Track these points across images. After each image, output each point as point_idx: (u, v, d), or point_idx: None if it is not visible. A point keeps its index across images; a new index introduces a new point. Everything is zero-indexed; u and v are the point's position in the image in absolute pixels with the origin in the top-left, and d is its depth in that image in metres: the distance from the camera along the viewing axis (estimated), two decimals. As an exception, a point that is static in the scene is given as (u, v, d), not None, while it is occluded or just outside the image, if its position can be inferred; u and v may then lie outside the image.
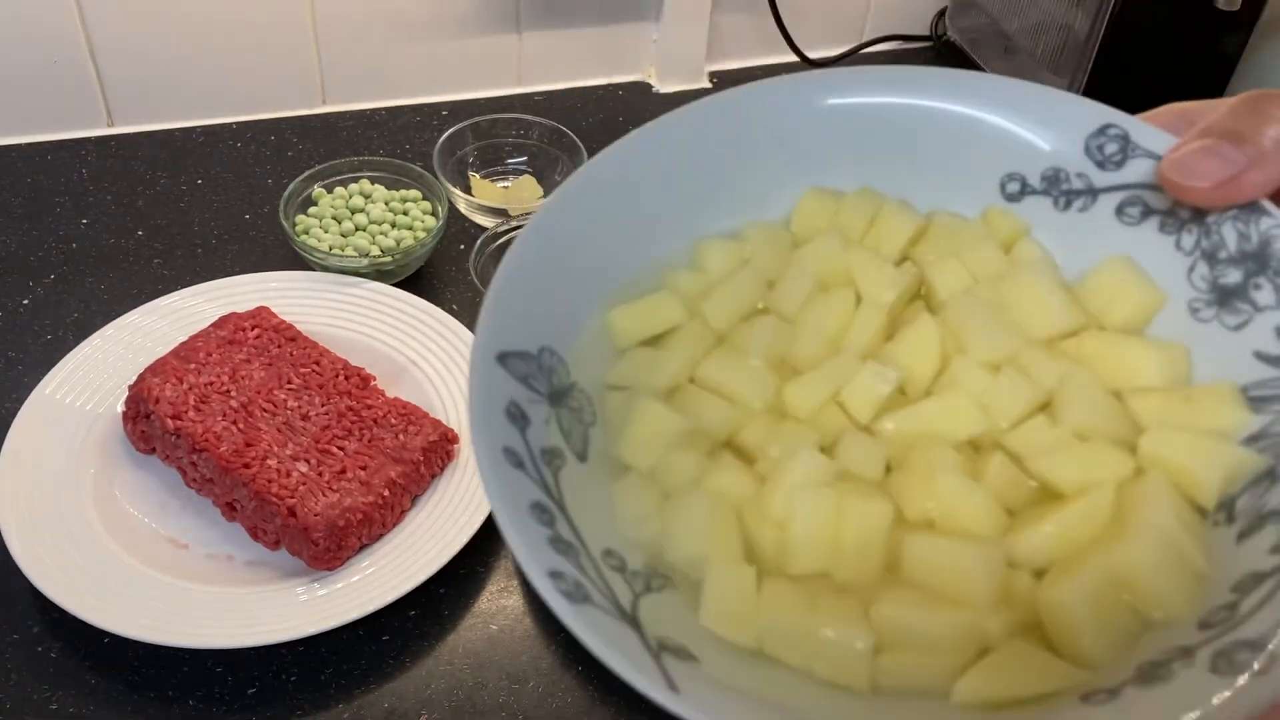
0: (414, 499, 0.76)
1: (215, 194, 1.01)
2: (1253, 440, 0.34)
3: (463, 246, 0.96)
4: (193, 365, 0.78)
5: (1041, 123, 0.39)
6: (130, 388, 0.77)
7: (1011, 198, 0.40)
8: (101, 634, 0.68)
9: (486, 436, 0.33)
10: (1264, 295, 0.35)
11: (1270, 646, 0.29)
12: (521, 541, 0.31)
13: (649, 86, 1.18)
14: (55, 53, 1.00)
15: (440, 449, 0.77)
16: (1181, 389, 0.36)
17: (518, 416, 0.34)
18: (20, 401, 0.78)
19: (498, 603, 0.74)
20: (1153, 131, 0.37)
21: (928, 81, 0.40)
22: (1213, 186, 0.33)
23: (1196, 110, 0.38)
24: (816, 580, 0.33)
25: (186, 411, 0.75)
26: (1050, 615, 0.32)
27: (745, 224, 0.41)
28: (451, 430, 0.78)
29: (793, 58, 1.19)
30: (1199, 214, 0.36)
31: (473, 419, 0.33)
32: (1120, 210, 0.38)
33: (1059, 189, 0.39)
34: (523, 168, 1.03)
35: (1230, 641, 0.30)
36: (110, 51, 1.02)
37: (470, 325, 0.86)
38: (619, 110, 1.14)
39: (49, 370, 0.80)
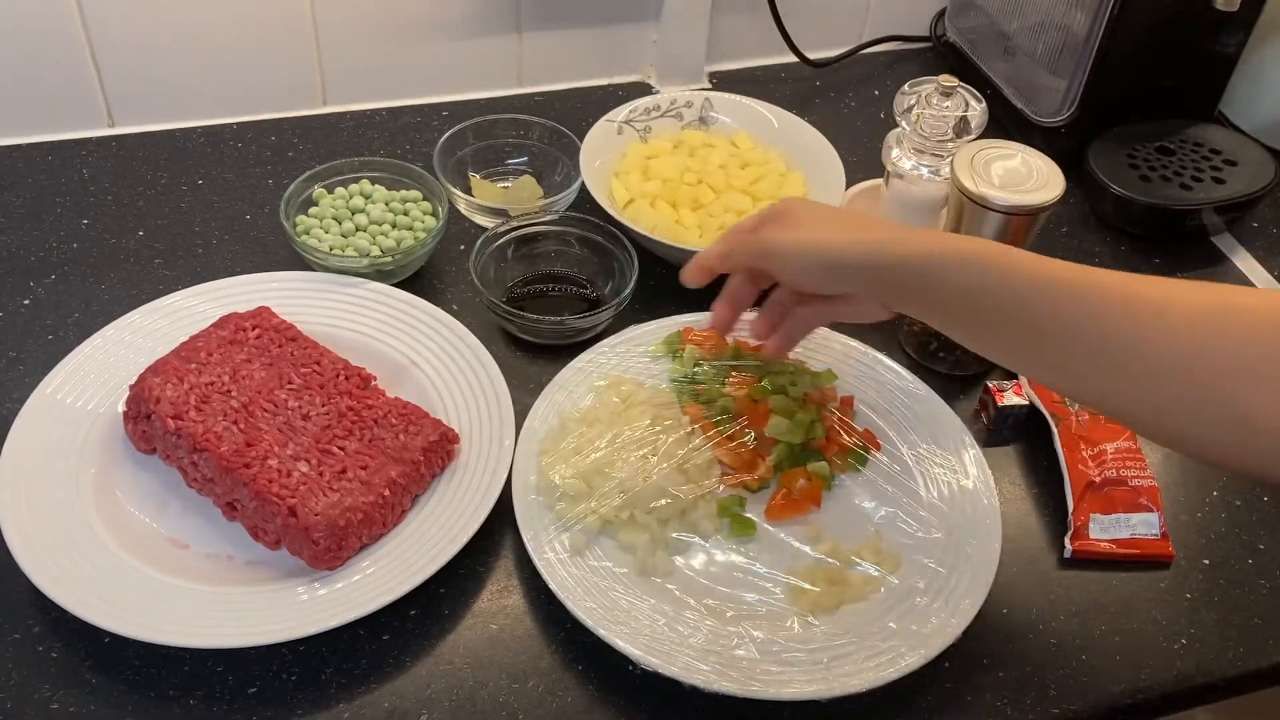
0: (414, 499, 0.76)
1: (216, 194, 1.01)
2: None
3: (463, 247, 0.96)
4: (193, 365, 0.78)
5: None
6: (131, 388, 0.78)
7: None
8: (101, 634, 0.68)
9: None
10: None
11: None
12: None
13: (649, 87, 1.18)
14: (56, 53, 1.00)
15: (440, 449, 0.77)
16: None
17: None
18: (21, 401, 0.78)
19: (498, 603, 0.74)
20: None
21: None
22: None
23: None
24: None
25: (187, 411, 0.75)
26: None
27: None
28: (452, 430, 0.78)
29: (792, 58, 1.19)
30: None
31: None
32: None
33: None
34: (523, 168, 1.03)
35: None
36: (111, 52, 1.02)
37: (470, 325, 0.86)
38: (619, 111, 1.14)
39: (50, 370, 0.80)
